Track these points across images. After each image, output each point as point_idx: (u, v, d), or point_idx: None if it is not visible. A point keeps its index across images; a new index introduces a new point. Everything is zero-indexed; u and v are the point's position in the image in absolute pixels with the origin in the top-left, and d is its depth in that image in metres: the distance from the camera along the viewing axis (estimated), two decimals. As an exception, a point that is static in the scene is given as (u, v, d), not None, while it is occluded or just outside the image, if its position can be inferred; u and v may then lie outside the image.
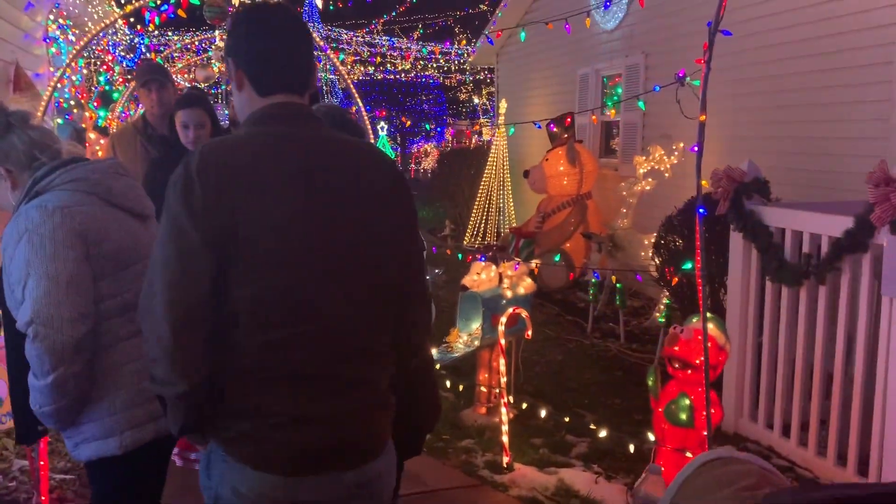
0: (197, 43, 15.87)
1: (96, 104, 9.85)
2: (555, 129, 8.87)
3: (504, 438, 4.13)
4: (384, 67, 28.74)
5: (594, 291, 6.97)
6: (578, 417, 4.83)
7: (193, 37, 16.97)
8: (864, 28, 5.51)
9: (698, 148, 3.03)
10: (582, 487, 3.85)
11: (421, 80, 31.72)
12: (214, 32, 10.41)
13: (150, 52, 12.91)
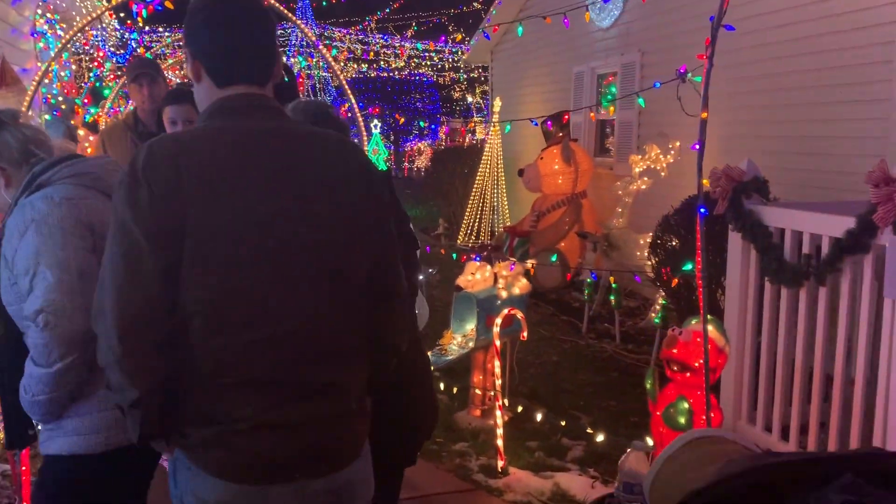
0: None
1: (87, 101, 9.76)
2: (552, 128, 8.81)
3: (499, 442, 4.06)
4: (378, 65, 28.69)
5: (589, 291, 6.91)
6: (574, 420, 4.76)
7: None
8: (865, 26, 5.46)
9: (699, 146, 2.95)
10: (578, 492, 3.78)
11: (415, 78, 31.68)
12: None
13: (140, 48, 12.78)
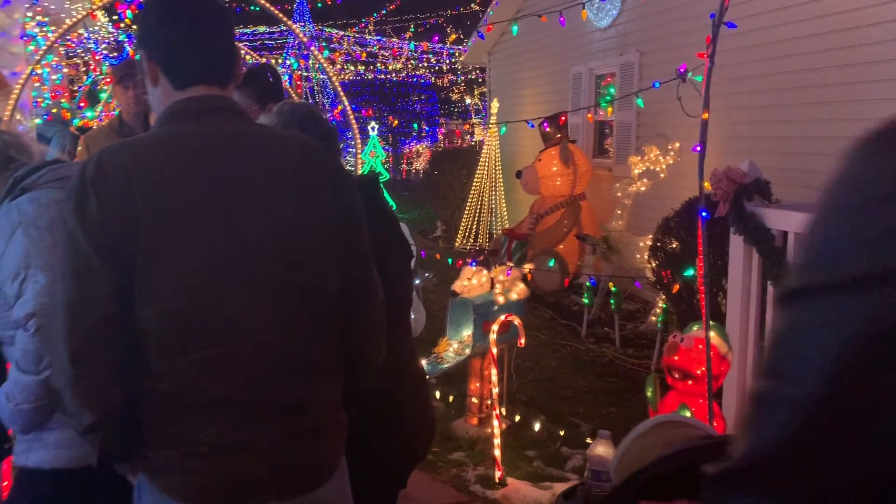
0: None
1: (83, 104, 9.68)
2: (548, 129, 8.71)
3: (496, 451, 3.96)
4: (375, 67, 28.63)
5: (589, 295, 6.81)
6: (573, 428, 4.66)
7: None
8: (867, 24, 5.37)
9: (701, 147, 2.86)
10: (578, 503, 3.68)
11: (412, 80, 31.59)
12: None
13: (132, 49, 12.71)
